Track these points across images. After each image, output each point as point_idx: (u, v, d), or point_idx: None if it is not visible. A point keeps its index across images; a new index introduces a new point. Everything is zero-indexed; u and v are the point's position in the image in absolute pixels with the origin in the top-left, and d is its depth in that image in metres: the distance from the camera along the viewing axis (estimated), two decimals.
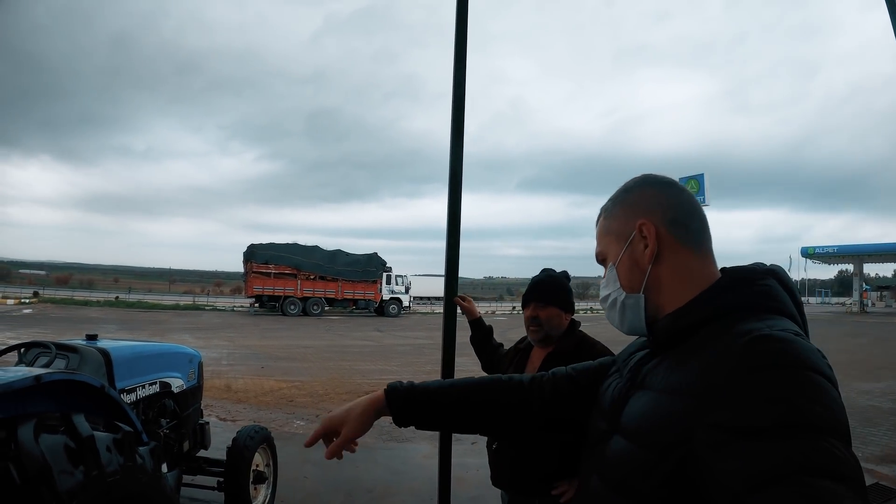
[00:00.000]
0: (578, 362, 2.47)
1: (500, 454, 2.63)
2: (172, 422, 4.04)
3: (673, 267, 1.14)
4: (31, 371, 2.06)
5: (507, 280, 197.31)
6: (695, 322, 1.06)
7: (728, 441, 0.85)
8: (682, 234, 1.14)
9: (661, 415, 0.99)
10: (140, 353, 3.85)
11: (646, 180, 1.23)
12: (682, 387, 0.97)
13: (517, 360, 2.76)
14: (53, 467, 1.75)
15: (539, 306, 2.62)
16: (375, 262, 38.97)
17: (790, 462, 0.78)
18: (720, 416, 0.87)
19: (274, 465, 4.86)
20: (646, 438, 1.00)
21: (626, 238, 1.18)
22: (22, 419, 1.81)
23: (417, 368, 14.61)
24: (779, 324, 0.98)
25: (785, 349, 0.89)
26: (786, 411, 0.82)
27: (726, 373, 0.90)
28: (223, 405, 9.27)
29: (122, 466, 2.01)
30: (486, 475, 5.92)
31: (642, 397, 1.08)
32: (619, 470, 1.05)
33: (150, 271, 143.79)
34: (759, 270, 1.09)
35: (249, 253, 36.88)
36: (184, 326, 24.15)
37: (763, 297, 1.05)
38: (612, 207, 1.24)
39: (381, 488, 5.77)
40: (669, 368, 1.04)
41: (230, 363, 14.19)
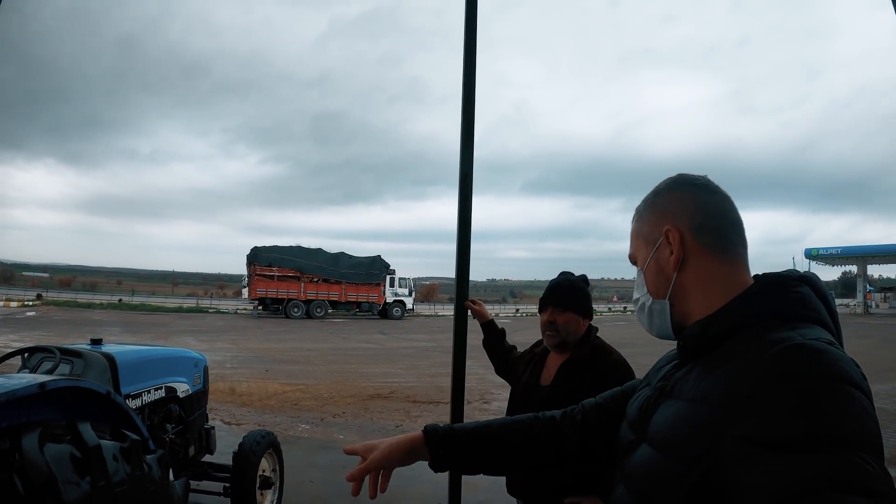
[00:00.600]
0: (594, 371, 2.48)
1: None
2: (178, 427, 4.00)
3: (698, 275, 1.11)
4: (36, 378, 2.01)
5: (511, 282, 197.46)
6: (724, 330, 1.02)
7: (755, 453, 0.82)
8: (708, 242, 1.11)
9: (688, 424, 0.97)
10: (145, 357, 3.81)
11: (676, 182, 1.19)
12: (710, 396, 0.94)
13: (533, 366, 2.70)
14: (59, 478, 1.69)
15: (557, 311, 2.55)
16: (379, 265, 38.87)
17: (819, 477, 0.76)
18: (747, 427, 0.85)
19: (280, 470, 4.81)
20: (672, 448, 0.98)
21: (653, 243, 1.16)
22: (26, 428, 1.76)
23: (422, 371, 14.59)
24: (811, 332, 0.94)
25: (817, 359, 0.86)
26: (815, 424, 0.79)
27: (755, 383, 0.87)
28: (227, 409, 9.24)
29: (130, 476, 1.96)
30: (494, 480, 5.89)
31: (671, 406, 1.05)
32: (644, 479, 1.03)
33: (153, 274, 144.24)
34: (793, 277, 1.06)
35: (253, 255, 36.83)
36: (187, 329, 24.13)
37: (796, 304, 1.02)
38: (644, 210, 1.22)
39: (387, 493, 5.68)
40: (698, 377, 1.01)
41: (234, 366, 14.16)
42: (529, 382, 2.64)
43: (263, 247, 37.54)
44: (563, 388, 2.47)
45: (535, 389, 2.59)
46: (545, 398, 2.48)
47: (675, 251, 1.12)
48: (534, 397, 2.55)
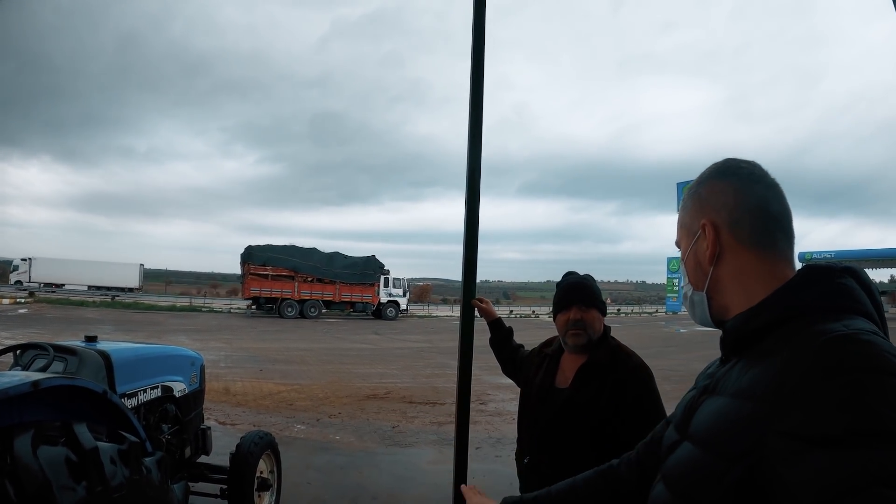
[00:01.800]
0: (614, 374, 2.40)
1: (532, 469, 2.51)
2: (174, 427, 3.91)
3: (735, 270, 1.09)
4: (29, 376, 1.91)
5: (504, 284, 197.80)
6: (766, 323, 0.99)
7: (800, 450, 0.79)
8: (745, 237, 1.08)
9: (730, 420, 0.94)
10: (141, 355, 3.71)
11: (719, 170, 1.16)
12: (753, 391, 0.91)
13: (546, 367, 2.62)
14: (53, 483, 1.59)
15: (583, 308, 2.49)
16: (373, 265, 38.77)
17: (866, 473, 0.73)
18: (791, 423, 0.82)
19: (278, 471, 4.72)
20: (714, 445, 0.95)
21: (693, 235, 1.16)
22: (19, 429, 1.65)
23: (417, 372, 14.53)
24: (856, 324, 0.91)
25: (862, 351, 0.83)
26: (861, 418, 0.76)
27: (798, 377, 0.84)
28: (222, 409, 9.13)
29: (128, 480, 1.85)
30: (493, 482, 5.85)
31: (713, 402, 1.02)
32: (685, 477, 1.01)
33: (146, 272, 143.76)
34: (836, 268, 1.01)
35: (247, 255, 36.67)
36: (180, 328, 23.98)
37: (840, 295, 0.98)
38: (687, 199, 1.20)
39: (386, 495, 5.65)
40: (741, 372, 0.98)
41: (228, 366, 14.04)
42: (544, 385, 2.56)
43: (257, 246, 37.40)
44: (583, 391, 2.41)
45: (551, 392, 2.52)
46: (565, 402, 2.43)
47: (710, 246, 1.10)
48: (551, 401, 2.49)
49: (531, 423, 2.57)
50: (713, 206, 1.12)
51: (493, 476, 6.11)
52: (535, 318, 46.04)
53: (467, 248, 3.07)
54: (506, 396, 10.55)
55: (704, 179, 1.17)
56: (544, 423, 2.48)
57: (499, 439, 7.78)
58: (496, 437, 7.95)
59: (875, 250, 49.04)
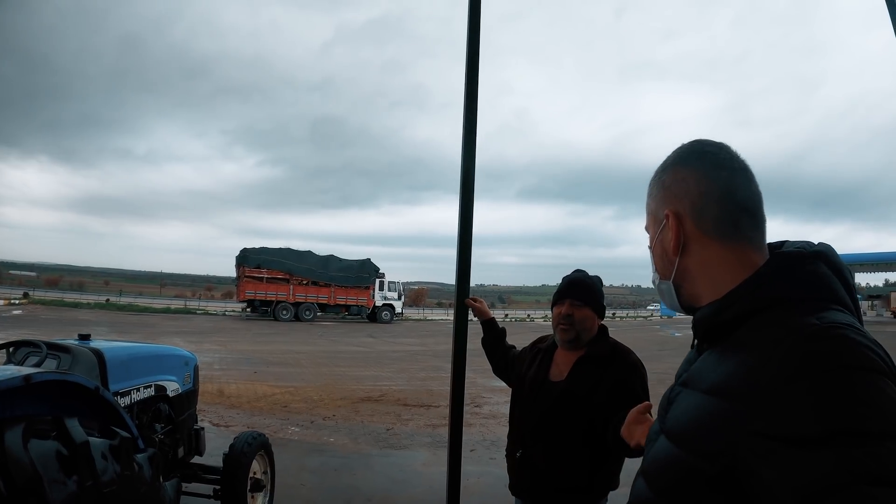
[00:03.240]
0: (612, 369, 2.41)
1: (524, 462, 2.51)
2: (167, 427, 3.88)
3: (702, 260, 1.07)
4: (21, 370, 1.89)
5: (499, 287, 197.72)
6: (735, 316, 0.97)
7: (775, 450, 0.79)
8: (710, 226, 1.06)
9: (705, 418, 0.92)
10: (135, 354, 3.68)
11: (683, 156, 1.13)
12: (727, 388, 0.89)
13: (540, 362, 2.62)
14: (44, 476, 1.57)
15: (575, 305, 2.51)
16: (368, 268, 38.71)
17: (845, 472, 0.73)
18: (765, 423, 0.81)
19: (272, 472, 4.70)
20: (690, 443, 0.93)
21: (659, 223, 1.13)
22: (9, 423, 1.64)
23: (412, 375, 14.48)
24: (829, 316, 0.89)
25: (837, 347, 0.82)
26: (836, 417, 0.76)
27: (771, 375, 0.83)
28: (216, 410, 9.10)
29: (119, 475, 1.84)
30: (488, 483, 5.85)
31: (687, 397, 1.01)
32: (663, 475, 0.99)
33: (141, 274, 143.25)
34: (806, 254, 0.99)
35: (242, 257, 36.57)
36: (175, 330, 23.88)
37: (811, 284, 0.96)
38: (653, 185, 1.18)
39: (379, 496, 5.62)
40: (712, 366, 0.97)
41: (222, 368, 13.98)
42: (537, 378, 2.57)
43: (252, 248, 37.30)
44: (579, 384, 2.42)
45: (545, 385, 2.53)
46: (560, 395, 2.45)
47: (674, 237, 1.08)
48: (545, 394, 2.50)
49: (524, 416, 2.57)
50: (676, 195, 1.10)
51: (489, 478, 6.10)
52: (531, 322, 46.00)
53: (461, 251, 3.07)
54: (500, 399, 10.53)
55: (669, 165, 1.14)
56: (538, 415, 2.48)
57: (493, 441, 7.77)
58: (491, 439, 7.94)
59: (871, 254, 49.23)
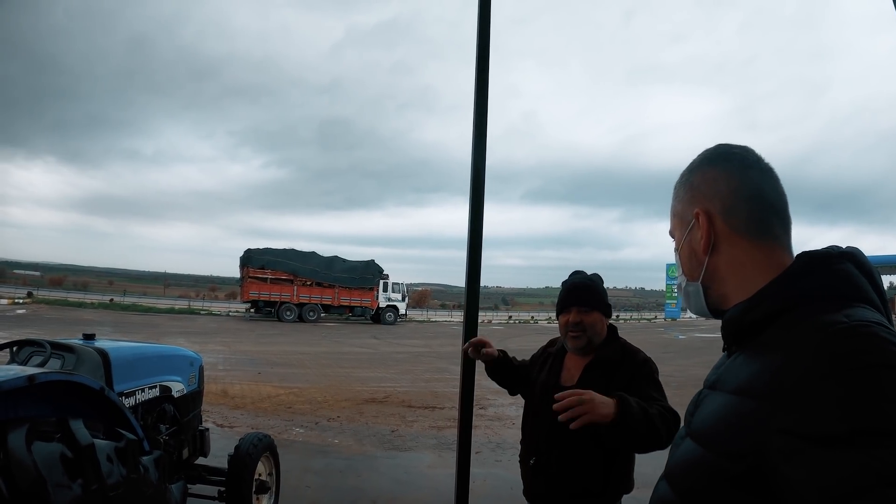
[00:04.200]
0: (621, 371, 2.35)
1: (538, 469, 2.46)
2: (172, 428, 3.84)
3: (731, 259, 1.07)
4: (24, 370, 1.85)
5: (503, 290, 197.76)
6: (765, 315, 0.96)
7: (801, 449, 0.77)
8: (740, 225, 1.06)
9: (731, 418, 0.91)
10: (140, 354, 3.65)
11: (710, 158, 1.14)
12: (754, 388, 0.89)
13: (550, 366, 2.57)
14: (48, 479, 1.53)
15: (583, 311, 2.45)
16: (372, 269, 38.67)
17: (871, 472, 0.71)
18: (792, 421, 0.79)
19: (277, 474, 4.66)
20: (716, 443, 0.93)
21: (686, 224, 1.14)
22: (13, 424, 1.60)
23: (416, 376, 14.46)
24: (857, 313, 0.87)
25: (865, 345, 0.80)
26: (864, 416, 0.74)
27: (799, 373, 0.81)
28: (220, 411, 9.07)
29: (125, 478, 1.80)
30: (493, 485, 5.80)
31: (715, 399, 1.00)
32: (688, 476, 0.98)
33: (145, 275, 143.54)
34: (834, 254, 0.98)
35: (246, 258, 36.60)
36: (179, 330, 23.89)
37: (839, 282, 0.95)
38: (679, 187, 1.18)
39: (385, 498, 5.59)
40: (741, 367, 0.96)
41: (226, 368, 13.96)
42: (548, 383, 2.51)
43: (256, 249, 37.35)
44: (591, 388, 2.32)
45: (555, 390, 2.39)
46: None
47: (704, 235, 1.08)
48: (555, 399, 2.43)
49: (537, 422, 2.52)
50: (706, 195, 1.10)
51: (494, 479, 6.07)
52: (534, 324, 45.98)
53: (471, 254, 3.01)
54: (505, 401, 10.48)
55: (696, 167, 1.15)
56: (550, 422, 2.37)
57: (499, 444, 7.72)
58: (496, 441, 7.89)
59: (875, 257, 49.01)
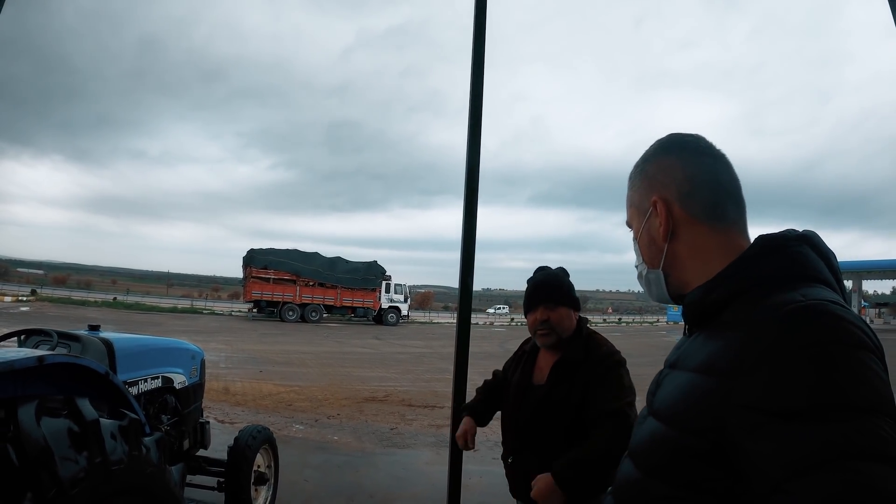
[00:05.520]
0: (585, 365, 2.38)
1: (516, 467, 2.50)
2: (173, 418, 3.92)
3: (690, 244, 1.09)
4: (34, 352, 1.94)
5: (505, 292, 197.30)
6: (724, 296, 0.99)
7: (762, 424, 0.80)
8: (697, 210, 1.09)
9: (693, 395, 0.93)
10: (143, 345, 3.74)
11: (664, 146, 1.17)
12: (714, 365, 0.91)
13: (524, 365, 2.60)
14: (55, 451, 1.62)
15: (548, 308, 2.45)
16: (375, 270, 38.75)
17: (831, 446, 0.73)
18: (752, 397, 0.82)
19: (275, 466, 4.74)
20: (678, 421, 0.95)
21: (644, 213, 1.15)
22: (22, 400, 1.69)
23: (417, 376, 14.51)
24: (813, 292, 0.90)
25: (821, 322, 0.83)
26: (823, 391, 0.77)
27: (759, 350, 0.84)
28: (221, 407, 9.15)
29: (128, 455, 1.89)
30: (489, 483, 5.86)
31: (676, 378, 1.02)
32: (652, 454, 1.00)
33: (148, 274, 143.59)
34: (791, 237, 1.01)
35: (249, 258, 36.71)
36: (182, 329, 23.97)
37: (796, 264, 0.97)
38: (634, 177, 1.20)
39: (382, 493, 5.65)
40: (701, 346, 0.98)
41: (228, 366, 14.05)
42: (522, 383, 2.54)
43: (259, 249, 37.46)
44: (557, 388, 2.39)
45: (528, 390, 2.50)
46: (541, 399, 2.41)
47: (663, 223, 1.10)
48: (528, 398, 2.47)
49: (511, 421, 2.55)
50: (662, 183, 1.12)
51: (490, 477, 6.11)
52: None
53: (464, 255, 3.09)
54: None
55: (650, 156, 1.17)
56: (523, 421, 2.45)
57: (496, 442, 7.75)
58: (494, 440, 7.92)
59: (879, 262, 48.84)
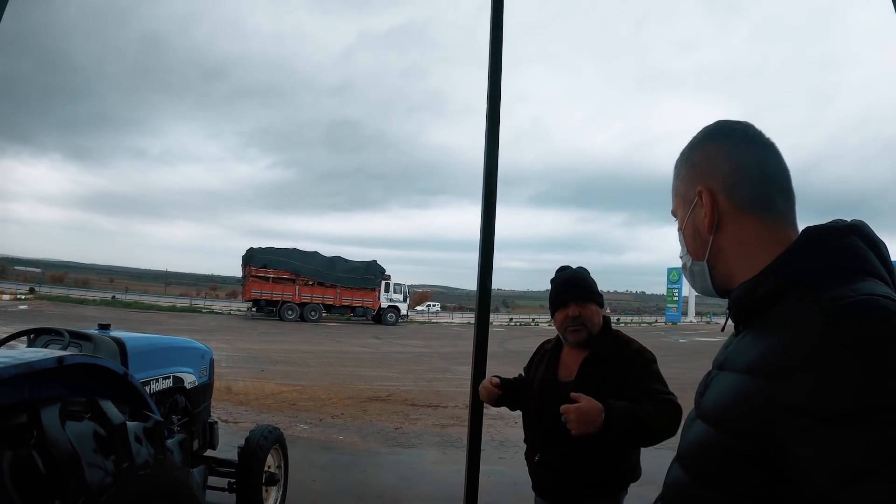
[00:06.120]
0: (617, 363, 2.40)
1: (543, 464, 2.48)
2: (184, 419, 3.86)
3: (736, 236, 1.04)
4: (52, 352, 1.88)
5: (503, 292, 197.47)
6: (770, 292, 0.94)
7: (809, 427, 0.75)
8: (744, 201, 1.04)
9: (740, 397, 0.89)
10: (154, 345, 3.68)
11: (711, 133, 1.12)
12: (762, 366, 0.86)
13: (547, 363, 2.59)
14: (82, 456, 1.56)
15: (579, 305, 2.47)
16: (374, 270, 38.69)
17: (879, 451, 0.69)
18: (801, 398, 0.77)
19: (285, 467, 4.68)
20: (726, 423, 0.90)
21: (689, 203, 1.11)
22: (45, 402, 1.63)
23: (418, 376, 14.50)
24: (864, 286, 0.85)
25: (873, 318, 0.78)
26: (874, 393, 0.72)
27: (807, 350, 0.79)
28: (224, 407, 9.08)
29: (153, 458, 1.83)
30: (497, 482, 5.81)
31: (724, 379, 0.98)
32: (699, 458, 0.96)
33: (145, 273, 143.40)
34: (839, 227, 0.96)
35: (248, 256, 36.64)
36: (182, 328, 23.87)
37: (845, 256, 0.92)
38: (680, 166, 1.16)
39: (390, 493, 5.61)
40: (749, 345, 0.94)
41: (229, 365, 13.98)
42: (546, 380, 2.54)
43: (259, 248, 37.40)
44: (587, 384, 2.37)
45: (553, 387, 2.50)
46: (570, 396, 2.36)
47: (709, 213, 1.06)
48: (555, 395, 2.44)
49: (536, 419, 2.54)
50: (707, 172, 1.08)
51: (497, 476, 6.08)
52: (535, 326, 45.96)
53: (483, 257, 3.03)
54: None
55: (696, 144, 1.13)
56: (550, 418, 2.41)
57: (502, 441, 7.74)
58: (499, 439, 7.91)
59: None
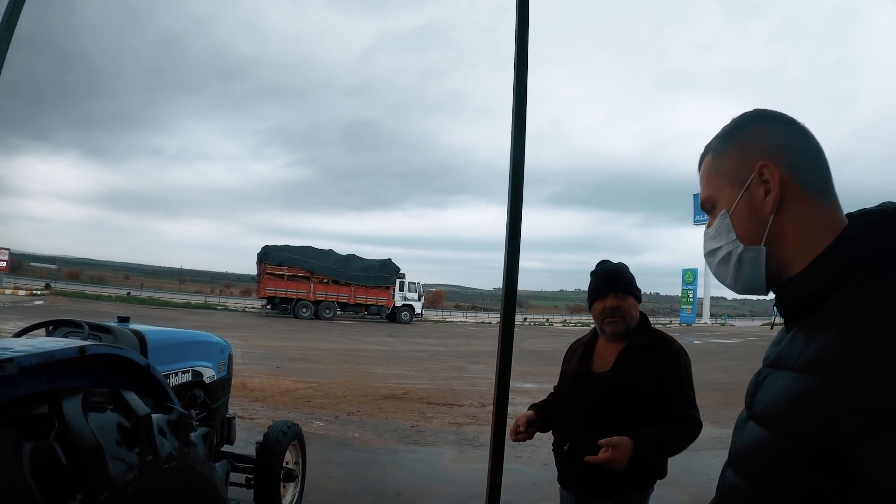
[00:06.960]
0: (657, 357, 2.37)
1: (573, 455, 2.45)
2: (202, 413, 3.82)
3: (797, 217, 0.96)
4: (74, 342, 1.82)
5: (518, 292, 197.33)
6: (826, 283, 0.88)
7: (872, 428, 0.70)
8: (806, 180, 0.97)
9: (798, 397, 0.82)
10: (174, 338, 3.64)
11: (761, 115, 1.04)
12: (820, 363, 0.81)
13: (581, 355, 2.60)
14: (105, 449, 1.50)
15: (619, 296, 2.49)
16: (389, 268, 38.79)
17: None
18: (864, 397, 0.72)
19: (303, 463, 4.64)
20: (784, 426, 0.84)
21: (742, 181, 1.00)
22: (66, 393, 1.57)
23: (434, 374, 14.46)
24: None
25: None
26: None
27: (870, 344, 0.74)
28: (240, 403, 9.07)
29: (178, 452, 1.76)
30: (517, 481, 5.75)
31: (778, 378, 0.91)
32: (756, 463, 0.89)
33: (160, 270, 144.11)
34: (890, 211, 0.89)
35: (263, 254, 36.85)
36: (197, 324, 23.90)
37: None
38: (722, 145, 1.06)
39: (409, 491, 5.56)
40: (804, 342, 0.87)
41: (245, 362, 13.96)
42: (580, 371, 2.54)
43: (274, 246, 37.58)
44: (625, 374, 2.39)
45: (588, 378, 2.50)
46: (607, 385, 2.41)
47: (774, 190, 0.96)
48: (590, 385, 2.46)
49: (570, 409, 2.53)
50: (767, 147, 0.99)
51: (514, 475, 6.00)
52: (549, 326, 45.81)
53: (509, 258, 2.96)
54: (521, 400, 10.38)
55: (744, 124, 1.05)
56: (586, 407, 2.45)
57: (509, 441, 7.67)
58: None
59: None
